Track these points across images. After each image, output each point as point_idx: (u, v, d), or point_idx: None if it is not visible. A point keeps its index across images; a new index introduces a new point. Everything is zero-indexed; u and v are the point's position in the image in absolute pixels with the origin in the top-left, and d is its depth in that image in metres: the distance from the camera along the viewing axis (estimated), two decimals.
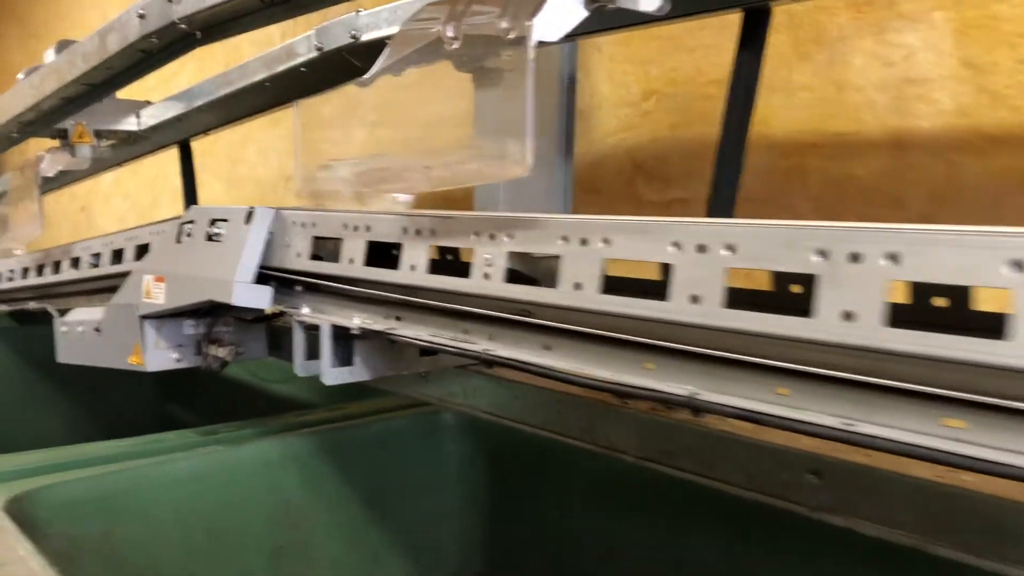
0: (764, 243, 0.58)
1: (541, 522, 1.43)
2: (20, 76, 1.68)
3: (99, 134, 1.75)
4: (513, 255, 0.78)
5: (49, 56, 1.64)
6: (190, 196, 1.85)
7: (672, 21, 0.82)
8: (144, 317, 1.35)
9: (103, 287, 1.63)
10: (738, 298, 0.61)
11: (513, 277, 0.79)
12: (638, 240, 0.67)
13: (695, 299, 0.62)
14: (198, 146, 1.96)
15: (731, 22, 1.08)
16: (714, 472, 0.84)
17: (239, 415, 2.21)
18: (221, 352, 1.36)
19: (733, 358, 0.61)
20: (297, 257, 1.06)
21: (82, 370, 2.63)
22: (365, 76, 0.86)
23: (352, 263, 0.96)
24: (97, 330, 1.50)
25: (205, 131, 1.75)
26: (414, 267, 0.88)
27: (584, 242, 0.70)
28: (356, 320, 0.97)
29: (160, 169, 2.59)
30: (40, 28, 3.58)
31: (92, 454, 1.26)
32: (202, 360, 1.41)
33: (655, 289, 0.79)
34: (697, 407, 0.63)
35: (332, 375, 1.01)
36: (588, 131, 1.27)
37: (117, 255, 1.56)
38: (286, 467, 1.36)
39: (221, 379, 1.70)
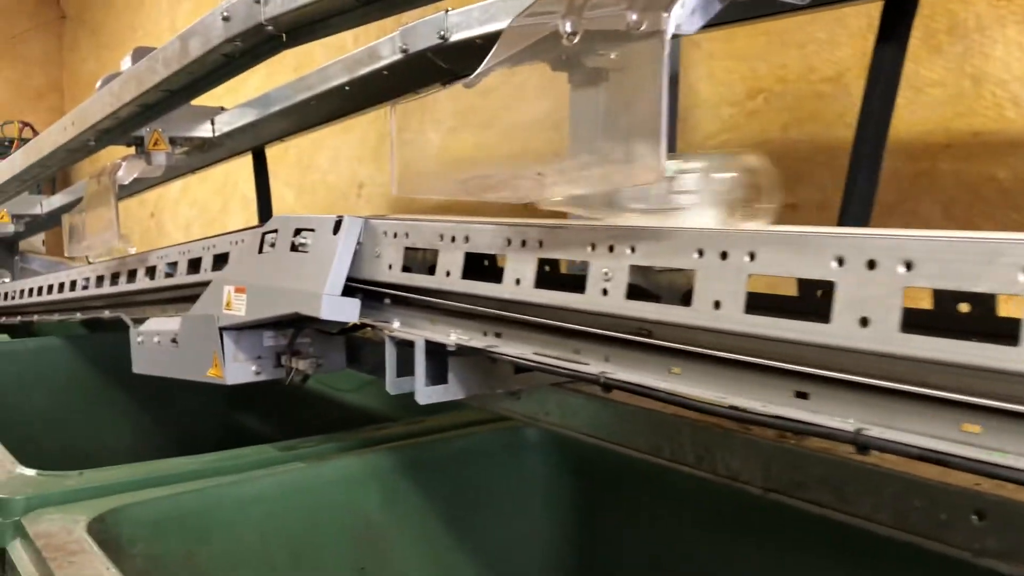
0: (955, 258, 0.50)
1: (631, 548, 1.36)
2: (98, 84, 1.67)
3: (173, 141, 1.73)
4: (635, 269, 0.71)
5: (125, 64, 1.62)
6: (264, 204, 1.82)
7: (813, 10, 0.75)
8: (224, 329, 1.31)
9: (179, 296, 1.61)
10: (913, 320, 0.54)
11: (631, 292, 0.73)
12: (790, 254, 0.59)
13: (864, 322, 0.54)
14: (269, 152, 1.94)
15: (845, 15, 1.00)
16: (853, 507, 0.76)
17: (309, 426, 2.19)
18: (302, 365, 1.31)
19: (907, 390, 0.54)
20: (388, 269, 1.01)
21: (150, 378, 2.63)
22: (472, 76, 0.80)
23: (449, 276, 0.91)
24: (174, 341, 1.47)
25: (280, 137, 1.72)
26: (519, 281, 0.82)
27: (724, 256, 0.63)
28: (452, 336, 0.92)
29: (228, 176, 2.59)
30: (112, 39, 3.63)
31: (171, 470, 1.23)
32: (283, 373, 1.37)
33: (793, 307, 0.71)
34: (865, 444, 0.55)
35: (426, 394, 0.95)
36: (685, 133, 1.20)
37: (194, 264, 1.53)
38: (367, 484, 1.31)
39: (289, 389, 1.67)
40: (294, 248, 1.14)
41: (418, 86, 1.31)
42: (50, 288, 2.27)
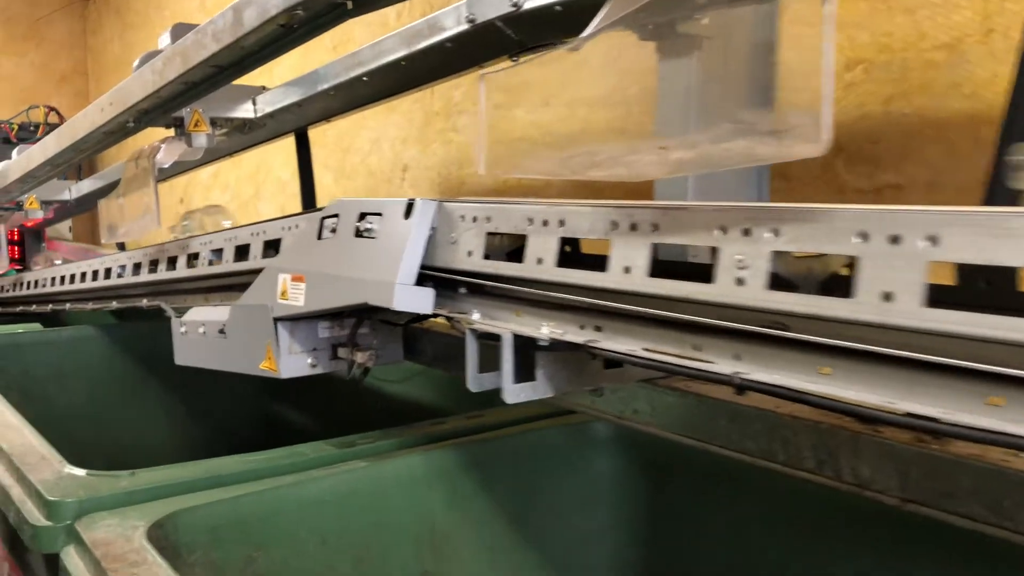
0: None
1: (707, 552, 1.28)
2: (135, 64, 1.59)
3: (214, 122, 1.66)
4: (776, 255, 0.63)
5: (164, 41, 1.55)
6: (307, 188, 1.75)
7: None
8: (278, 319, 1.24)
9: (224, 285, 1.54)
10: None
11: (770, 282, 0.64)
12: (986, 237, 0.51)
13: None
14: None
15: None
16: (1014, 522, 0.67)
17: (349, 417, 2.12)
18: (361, 357, 1.24)
19: None
20: (468, 256, 0.93)
21: (185, 367, 2.57)
22: (580, 36, 0.71)
23: (541, 263, 0.83)
24: (222, 332, 1.40)
25: (326, 118, 1.64)
26: (629, 269, 0.73)
27: (896, 240, 0.55)
28: (544, 329, 0.84)
29: (262, 160, 2.52)
30: (138, 19, 3.55)
31: (226, 470, 1.16)
32: (339, 366, 1.30)
33: (956, 297, 0.63)
34: None
35: (513, 392, 0.87)
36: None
37: (241, 251, 1.45)
38: (431, 484, 1.24)
39: (327, 377, 1.61)
40: (359, 234, 1.06)
41: (482, 60, 1.22)
42: (83, 276, 2.21)
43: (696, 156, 0.64)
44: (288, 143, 1.92)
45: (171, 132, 1.78)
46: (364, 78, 1.37)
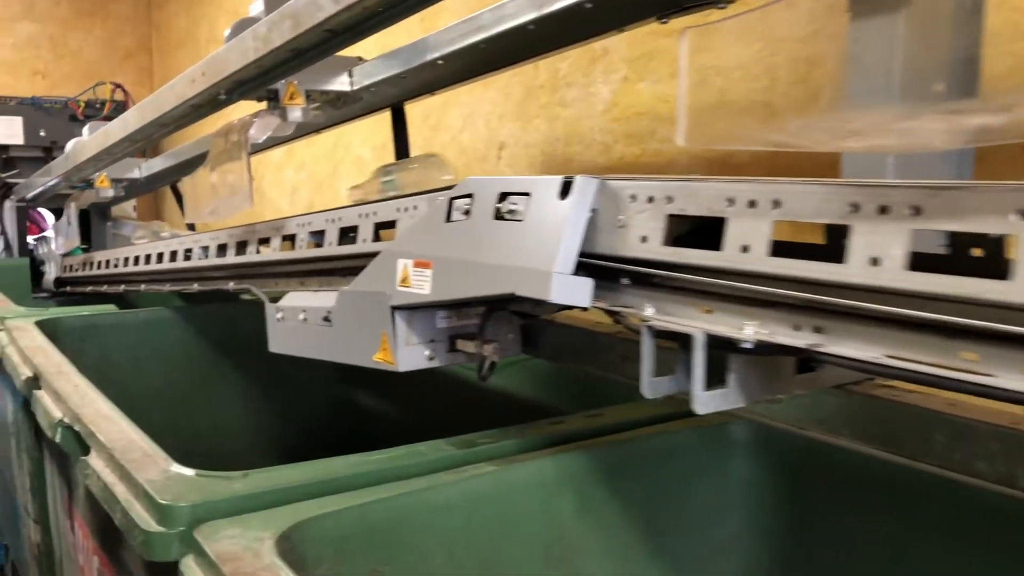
0: None
1: (856, 565, 1.16)
2: (227, 33, 1.50)
3: (308, 95, 1.56)
4: None
5: (255, 9, 1.45)
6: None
7: None
8: (396, 308, 1.14)
9: (324, 270, 1.44)
10: None
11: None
12: None
13: None
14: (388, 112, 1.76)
15: None
16: None
17: (438, 406, 2.03)
18: (488, 350, 1.14)
19: None
20: (641, 242, 0.81)
21: (258, 350, 2.49)
22: None
23: (748, 252, 0.71)
24: (327, 320, 1.31)
25: (430, 91, 1.54)
26: (877, 261, 0.61)
27: None
28: (748, 330, 0.72)
29: (339, 138, 2.42)
30: None
31: (345, 472, 1.06)
32: (457, 359, 1.20)
33: None
34: None
35: (704, 400, 0.76)
36: None
37: (346, 233, 1.36)
38: (560, 489, 1.13)
39: None
40: (499, 216, 0.95)
41: (624, 23, 1.10)
42: (159, 256, 2.14)
43: (1009, 122, 0.51)
44: (370, 118, 1.82)
45: (261, 106, 1.69)
46: (482, 45, 1.26)
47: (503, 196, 0.95)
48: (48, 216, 3.91)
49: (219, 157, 1.64)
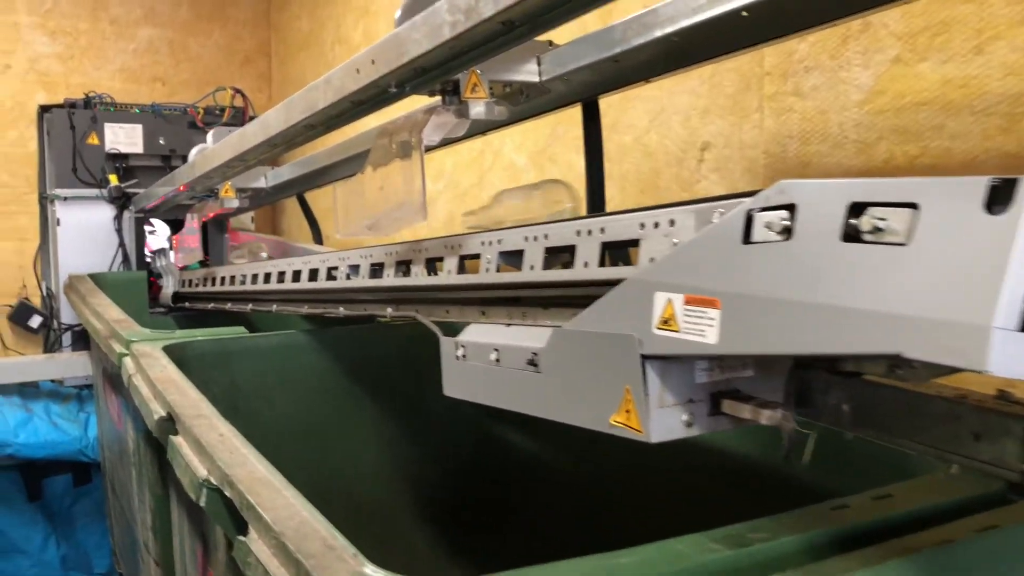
0: None
1: None
2: (397, 15, 1.25)
3: (491, 87, 1.30)
4: None
5: None
6: (596, 176, 1.37)
7: None
8: (647, 358, 0.86)
9: (520, 298, 1.18)
10: None
11: None
12: None
13: None
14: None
15: None
16: None
17: (617, 450, 1.74)
18: (769, 417, 0.84)
19: None
20: None
21: (392, 378, 2.23)
22: None
23: None
24: (532, 363, 1.04)
25: (646, 78, 1.25)
26: None
27: None
28: None
29: (487, 143, 2.17)
30: None
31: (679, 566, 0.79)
32: (720, 425, 0.91)
33: None
34: None
35: None
36: None
37: (554, 254, 1.09)
38: None
39: None
40: (854, 236, 0.66)
41: None
42: (297, 275, 1.92)
43: None
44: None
45: (430, 100, 1.44)
46: (744, 12, 0.97)
47: (857, 208, 0.66)
48: (161, 227, 3.80)
49: (382, 162, 1.39)
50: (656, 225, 0.90)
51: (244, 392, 1.95)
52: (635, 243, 0.93)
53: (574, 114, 1.88)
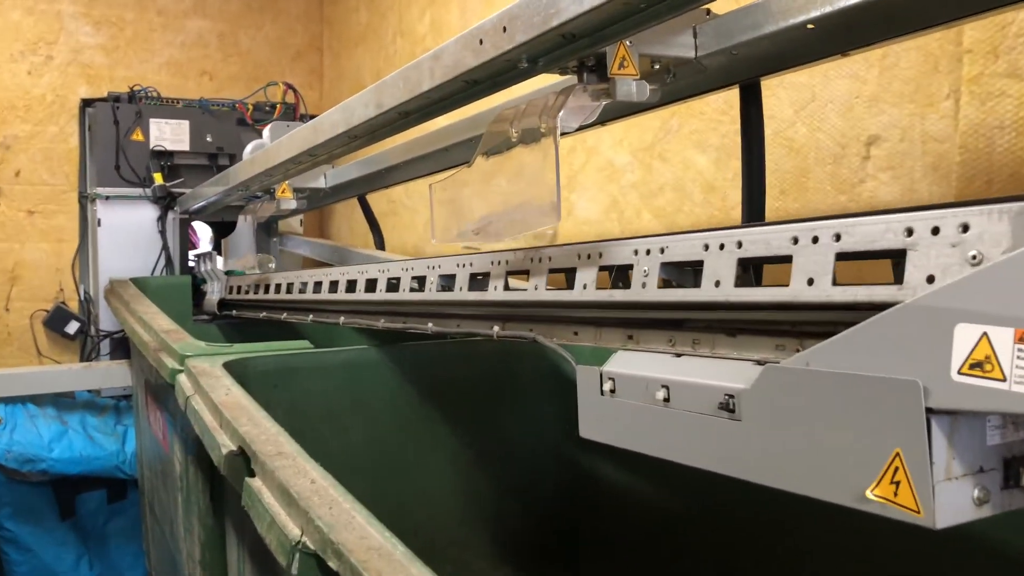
0: None
1: None
2: None
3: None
4: None
5: None
6: (756, 172, 1.14)
7: None
8: (933, 412, 0.63)
9: (688, 320, 0.95)
10: None
11: None
12: None
13: None
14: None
15: None
16: None
17: (729, 487, 1.51)
18: None
19: None
20: None
21: (466, 400, 1.99)
22: None
23: None
24: (727, 408, 0.82)
25: (843, 51, 1.02)
26: None
27: None
28: None
29: (578, 138, 1.94)
30: None
31: None
32: (1017, 501, 0.68)
33: None
34: None
35: None
36: None
37: (747, 268, 0.86)
38: None
39: None
40: None
41: None
42: (372, 284, 1.70)
43: None
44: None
45: (560, 79, 1.22)
46: None
47: None
48: (203, 230, 3.61)
49: (498, 154, 1.17)
50: (935, 231, 0.67)
51: (309, 415, 1.73)
52: (897, 254, 0.70)
53: (692, 105, 1.66)
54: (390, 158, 2.16)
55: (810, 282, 0.77)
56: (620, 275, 1.03)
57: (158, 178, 3.15)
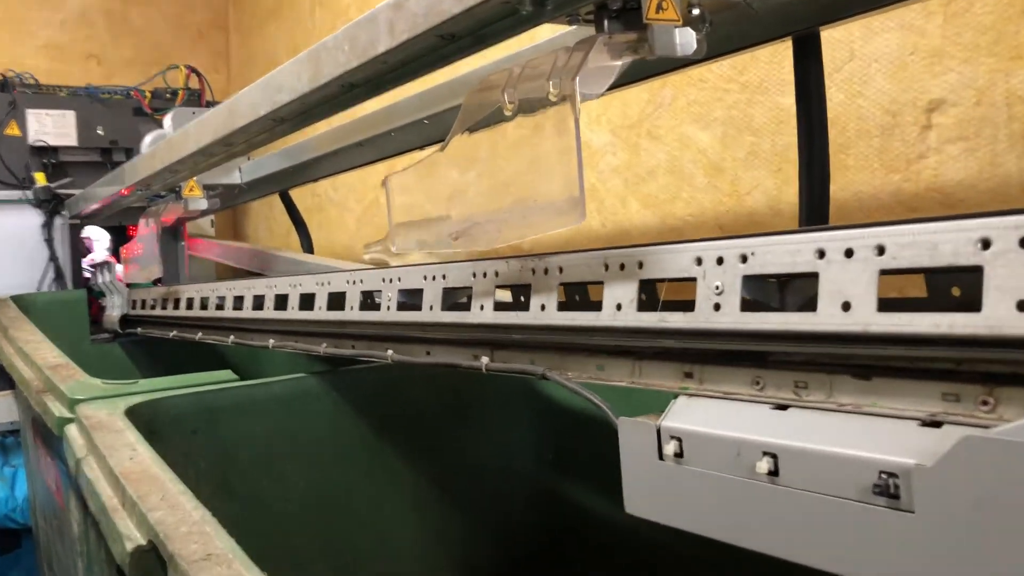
0: None
1: None
2: None
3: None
4: None
5: None
6: (816, 141, 0.89)
7: None
8: None
9: (770, 353, 0.68)
10: None
11: None
12: None
13: None
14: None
15: None
16: None
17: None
18: None
19: None
20: None
21: (423, 428, 1.75)
22: None
23: None
24: (886, 492, 0.57)
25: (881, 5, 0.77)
26: None
27: None
28: None
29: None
30: None
31: None
32: None
33: None
34: None
35: None
36: None
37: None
38: None
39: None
40: None
41: None
42: (306, 300, 1.40)
43: None
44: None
45: (559, 32, 0.96)
46: None
47: None
48: (99, 236, 3.20)
49: (488, 132, 0.89)
50: None
51: (240, 464, 1.42)
52: None
53: (689, 72, 1.40)
54: (317, 146, 1.85)
55: (1020, 306, 0.51)
56: (649, 292, 0.76)
57: (40, 178, 2.74)
